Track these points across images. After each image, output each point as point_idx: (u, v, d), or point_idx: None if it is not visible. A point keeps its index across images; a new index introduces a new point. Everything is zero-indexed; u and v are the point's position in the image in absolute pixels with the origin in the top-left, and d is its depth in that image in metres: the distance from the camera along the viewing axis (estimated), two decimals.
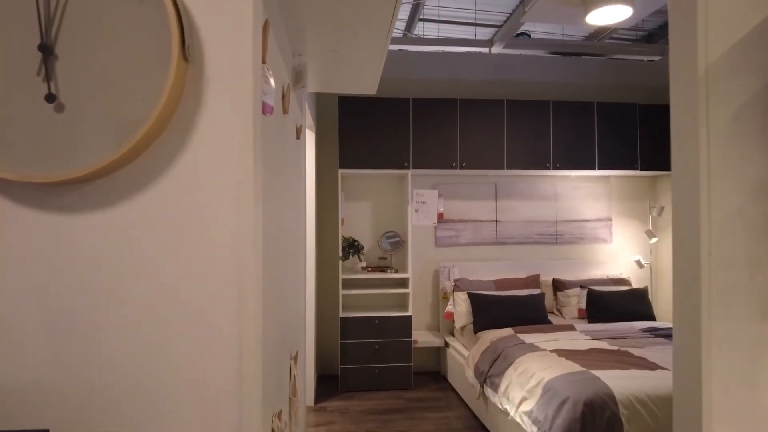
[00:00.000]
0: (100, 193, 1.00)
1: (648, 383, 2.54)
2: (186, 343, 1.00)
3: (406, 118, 4.05)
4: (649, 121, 4.34)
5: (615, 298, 4.09)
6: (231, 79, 1.02)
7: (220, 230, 1.00)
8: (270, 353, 1.32)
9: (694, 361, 1.13)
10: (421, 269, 4.44)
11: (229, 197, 1.01)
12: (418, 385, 4.12)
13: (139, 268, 0.99)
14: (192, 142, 1.02)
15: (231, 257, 0.99)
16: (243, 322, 0.97)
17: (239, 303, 0.97)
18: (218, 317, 0.99)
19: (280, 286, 1.57)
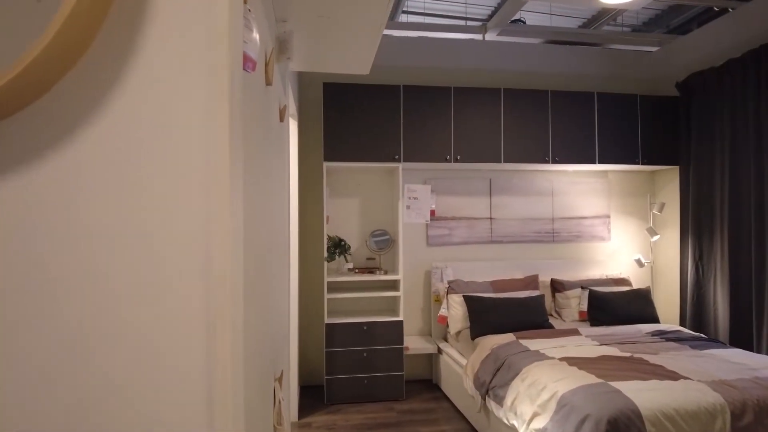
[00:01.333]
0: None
1: (674, 396, 2.29)
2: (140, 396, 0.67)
3: (396, 107, 3.74)
4: (649, 113, 4.13)
5: (618, 299, 3.87)
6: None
7: (177, 231, 0.67)
8: (251, 386, 1.00)
9: None
10: (411, 270, 4.14)
11: (193, 182, 0.68)
12: (409, 395, 3.82)
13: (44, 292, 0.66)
14: (130, 84, 0.68)
15: (196, 273, 0.66)
16: (214, 367, 0.65)
17: (208, 340, 0.65)
18: (179, 357, 0.66)
19: (264, 299, 1.25)
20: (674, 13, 3.99)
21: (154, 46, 0.68)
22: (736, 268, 3.57)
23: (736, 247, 3.57)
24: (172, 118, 0.67)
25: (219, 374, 0.68)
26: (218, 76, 0.69)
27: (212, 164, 0.68)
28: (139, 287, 0.66)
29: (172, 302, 0.66)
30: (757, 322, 3.37)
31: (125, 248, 0.66)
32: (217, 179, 0.67)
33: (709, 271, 3.82)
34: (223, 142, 0.67)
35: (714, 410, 2.25)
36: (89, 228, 0.66)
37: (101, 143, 0.67)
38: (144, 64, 0.68)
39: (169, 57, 0.68)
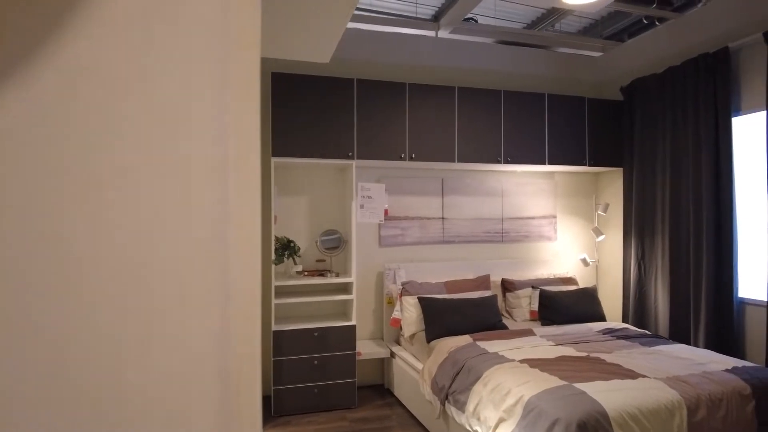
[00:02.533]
0: None
1: (635, 395, 2.30)
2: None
3: (350, 102, 3.58)
4: (596, 116, 4.24)
5: (567, 298, 3.92)
6: None
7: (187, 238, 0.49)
8: None
9: None
10: (363, 272, 3.99)
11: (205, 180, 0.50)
12: (362, 402, 3.67)
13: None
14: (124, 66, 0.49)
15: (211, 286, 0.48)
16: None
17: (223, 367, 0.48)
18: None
19: None
20: (608, 23, 4.12)
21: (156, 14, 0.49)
22: (675, 267, 3.72)
23: (675, 246, 3.72)
24: (178, 105, 0.49)
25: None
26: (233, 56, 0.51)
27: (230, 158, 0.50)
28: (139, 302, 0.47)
29: (181, 321, 0.47)
30: (694, 318, 3.53)
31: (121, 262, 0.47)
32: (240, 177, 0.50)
33: (651, 269, 3.96)
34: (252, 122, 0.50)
35: (672, 407, 2.28)
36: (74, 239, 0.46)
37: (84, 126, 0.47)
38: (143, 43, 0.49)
39: (173, 37, 0.49)
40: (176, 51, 0.48)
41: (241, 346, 0.48)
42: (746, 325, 3.33)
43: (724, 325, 3.36)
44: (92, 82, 0.46)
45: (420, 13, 3.93)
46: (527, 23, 4.15)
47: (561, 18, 4.01)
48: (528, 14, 4.01)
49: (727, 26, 3.42)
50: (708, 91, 3.44)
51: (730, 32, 3.40)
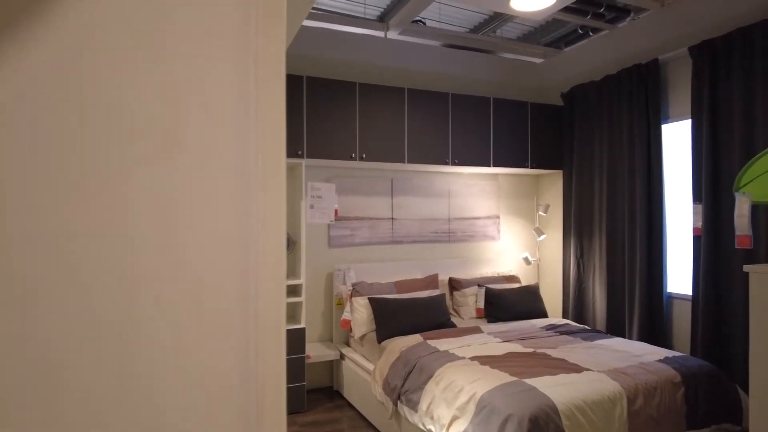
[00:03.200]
0: None
1: (581, 388, 2.40)
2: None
3: (299, 99, 3.51)
4: (538, 120, 4.41)
5: (511, 296, 4.05)
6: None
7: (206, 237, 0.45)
8: None
9: None
10: (313, 273, 3.93)
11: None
12: (311, 405, 3.61)
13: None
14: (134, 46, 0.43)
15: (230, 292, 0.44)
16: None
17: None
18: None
19: None
20: (546, 31, 4.30)
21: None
22: (611, 264, 3.94)
23: (611, 245, 3.94)
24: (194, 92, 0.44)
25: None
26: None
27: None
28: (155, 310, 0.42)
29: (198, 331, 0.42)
30: (629, 313, 3.75)
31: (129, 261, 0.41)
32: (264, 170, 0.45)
33: (589, 267, 4.17)
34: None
35: (614, 397, 2.40)
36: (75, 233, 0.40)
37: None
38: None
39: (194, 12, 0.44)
40: (196, 29, 0.44)
41: (266, 359, 0.44)
42: (674, 318, 3.59)
43: (655, 318, 3.60)
44: (98, 60, 0.40)
45: (368, 14, 3.92)
46: (470, 28, 4.25)
47: (502, 24, 4.13)
48: (471, 19, 4.10)
49: (657, 40, 3.66)
50: (641, 99, 3.67)
51: (660, 45, 3.64)
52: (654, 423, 2.47)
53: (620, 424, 2.37)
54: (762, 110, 2.93)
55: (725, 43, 3.12)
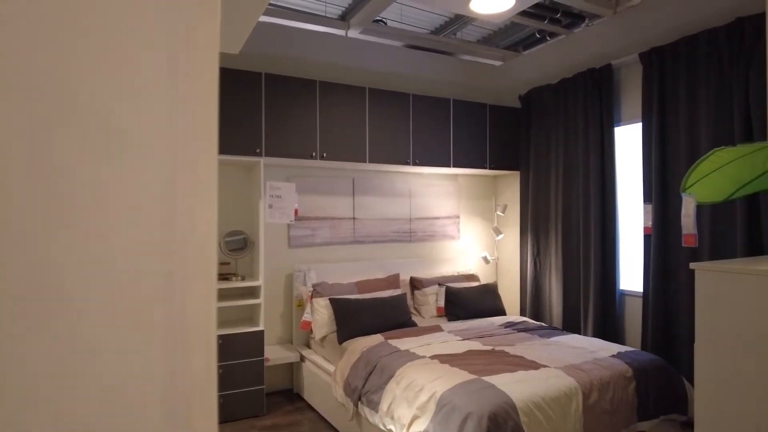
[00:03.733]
0: None
1: (539, 385, 2.45)
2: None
3: (257, 97, 3.43)
4: (496, 121, 4.48)
5: (470, 294, 4.10)
6: None
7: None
8: None
9: None
10: (272, 274, 3.85)
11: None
12: (271, 409, 3.54)
13: None
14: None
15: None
16: None
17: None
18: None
19: None
20: (505, 34, 4.38)
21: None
22: (567, 263, 4.05)
23: (567, 244, 4.05)
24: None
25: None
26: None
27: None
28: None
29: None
30: (584, 310, 3.86)
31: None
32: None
33: (545, 265, 4.27)
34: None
35: (570, 393, 2.46)
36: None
37: None
38: None
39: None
40: (117, 12, 0.40)
41: (194, 366, 0.41)
42: (626, 314, 3.72)
43: (609, 315, 3.72)
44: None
45: (329, 12, 3.89)
46: (431, 30, 4.28)
47: (463, 27, 4.18)
48: (432, 21, 4.12)
49: (610, 45, 3.78)
50: (595, 102, 3.79)
51: (613, 51, 3.76)
52: (607, 416, 2.54)
53: (576, 418, 2.43)
54: (705, 115, 3.07)
55: (672, 51, 3.26)
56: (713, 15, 3.08)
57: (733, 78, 2.92)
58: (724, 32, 2.95)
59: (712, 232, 3.03)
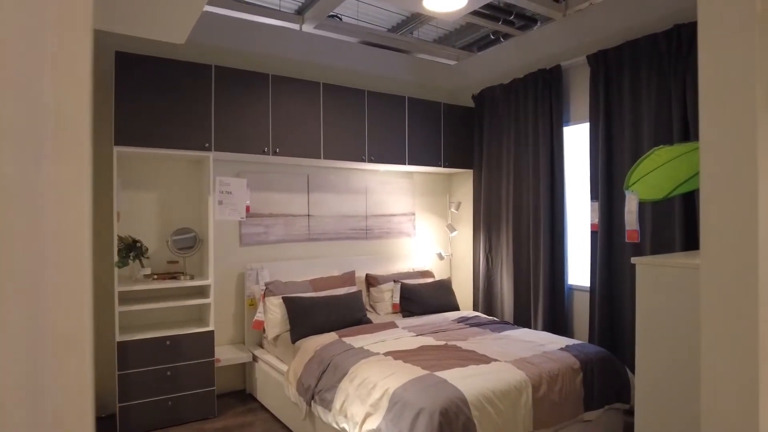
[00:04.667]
0: None
1: (490, 378, 2.49)
2: None
3: (207, 90, 3.32)
4: (450, 120, 4.53)
5: (425, 290, 4.13)
6: None
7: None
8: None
9: (746, 374, 0.91)
10: (222, 273, 3.75)
11: None
12: (222, 410, 3.44)
13: None
14: None
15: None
16: None
17: None
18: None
19: None
20: (461, 35, 4.44)
21: None
22: (517, 259, 4.14)
23: (517, 240, 4.14)
24: None
25: None
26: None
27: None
28: None
29: None
30: (534, 304, 3.96)
31: None
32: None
33: (497, 261, 4.36)
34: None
35: (520, 386, 2.51)
36: None
37: None
38: None
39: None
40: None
41: (64, 378, 0.37)
42: (574, 308, 3.84)
43: (558, 309, 3.83)
44: None
45: (284, 6, 3.81)
46: (388, 28, 4.27)
47: (419, 26, 4.20)
48: (389, 19, 4.12)
49: (560, 47, 3.89)
50: (545, 102, 3.88)
51: (562, 52, 3.87)
52: (556, 408, 2.61)
53: (526, 411, 2.48)
54: (647, 116, 3.21)
55: (617, 54, 3.38)
56: (654, 21, 3.21)
57: (671, 81, 3.06)
58: (663, 38, 3.09)
59: (653, 228, 3.17)
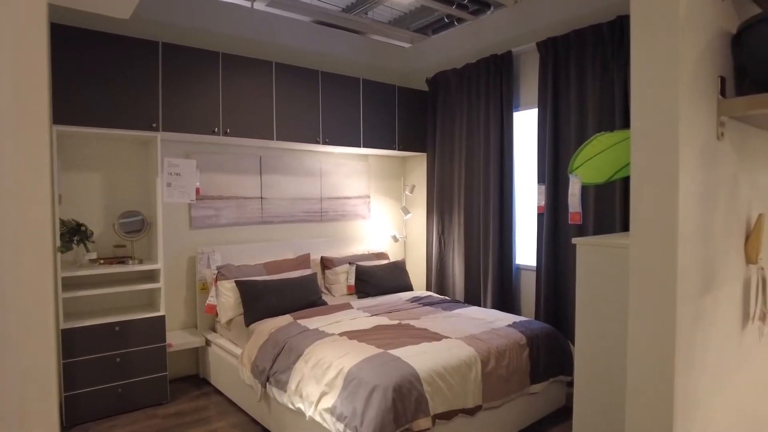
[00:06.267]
0: None
1: (441, 355, 2.58)
2: None
3: (154, 67, 3.20)
4: (405, 103, 4.56)
5: (380, 272, 4.19)
6: None
7: None
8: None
9: (665, 343, 1.00)
10: (172, 257, 3.67)
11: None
12: (175, 395, 3.41)
13: None
14: None
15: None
16: None
17: None
18: None
19: None
20: (415, 17, 4.46)
21: None
22: (468, 240, 4.26)
23: (468, 222, 4.26)
24: None
25: None
26: None
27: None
28: None
29: None
30: (483, 283, 4.10)
31: None
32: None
33: (449, 243, 4.47)
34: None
35: (469, 362, 2.62)
36: None
37: None
38: None
39: None
40: None
41: (27, 362, 0.38)
42: (522, 287, 4.01)
43: (506, 287, 3.99)
44: None
45: None
46: (343, 7, 4.23)
47: (373, 7, 4.18)
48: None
49: (512, 33, 3.98)
50: (496, 87, 3.98)
51: (514, 38, 3.96)
52: (504, 381, 2.75)
53: (475, 385, 2.60)
54: (591, 103, 3.35)
55: (564, 42, 3.49)
56: (599, 11, 3.34)
57: (614, 70, 3.20)
58: (607, 28, 3.22)
59: (595, 210, 3.34)
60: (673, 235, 0.93)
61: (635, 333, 1.00)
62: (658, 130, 0.95)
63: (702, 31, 0.99)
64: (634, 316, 1.02)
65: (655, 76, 0.96)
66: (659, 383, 0.95)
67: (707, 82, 1.02)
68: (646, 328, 0.98)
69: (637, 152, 1.00)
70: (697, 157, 1.00)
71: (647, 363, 0.99)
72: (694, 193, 1.00)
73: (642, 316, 0.99)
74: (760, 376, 1.44)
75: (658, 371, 0.97)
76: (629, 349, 1.02)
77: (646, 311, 0.98)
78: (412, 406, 2.27)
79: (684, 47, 0.92)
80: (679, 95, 0.91)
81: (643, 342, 0.99)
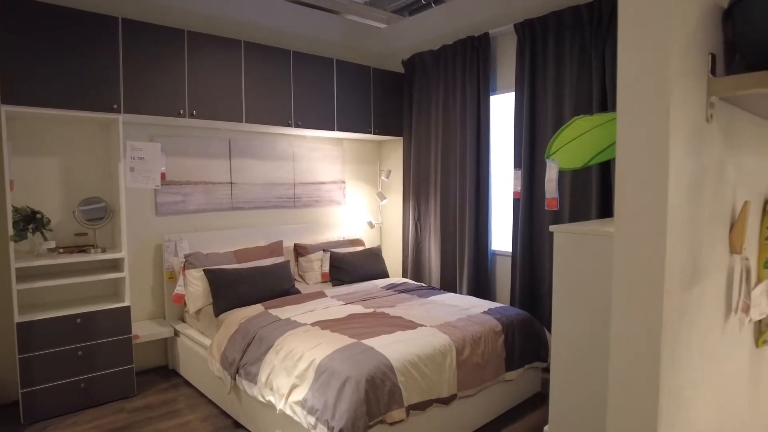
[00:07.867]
0: None
1: (415, 344, 2.53)
2: None
3: (113, 44, 3.01)
4: (380, 86, 4.44)
5: (355, 258, 4.11)
6: None
7: None
8: None
9: (651, 337, 0.94)
10: (138, 245, 3.51)
11: None
12: (142, 388, 3.29)
13: None
14: None
15: None
16: None
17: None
18: None
19: None
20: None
21: None
22: (444, 226, 4.21)
23: (444, 208, 4.20)
24: None
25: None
26: None
27: None
28: None
29: None
30: (459, 270, 4.07)
31: None
32: None
33: (425, 229, 4.41)
34: None
35: (444, 350, 2.58)
36: None
37: None
38: None
39: None
40: None
41: None
42: (497, 273, 3.98)
43: (482, 274, 3.95)
44: None
45: None
46: None
47: None
48: None
49: (489, 14, 3.88)
50: (473, 70, 3.89)
51: (491, 19, 3.86)
52: (479, 369, 2.71)
53: (450, 373, 2.55)
54: (569, 86, 3.30)
55: (542, 24, 3.42)
56: None
57: (592, 53, 3.15)
58: (585, 10, 3.15)
59: (572, 196, 3.31)
60: (662, 224, 0.87)
61: (619, 326, 0.95)
62: (647, 111, 0.88)
63: (695, 4, 0.92)
64: (618, 309, 0.97)
65: (645, 54, 0.89)
66: (644, 378, 0.90)
67: (698, 60, 0.96)
68: (631, 322, 0.93)
69: (624, 136, 0.93)
70: (687, 141, 0.94)
71: (631, 357, 0.94)
72: (684, 179, 0.94)
73: (627, 308, 0.94)
74: (740, 366, 1.42)
75: (642, 366, 0.91)
76: (612, 343, 0.97)
77: (631, 304, 0.93)
78: (386, 398, 2.22)
79: (675, 22, 0.85)
80: (671, 75, 0.84)
81: (627, 335, 0.93)
